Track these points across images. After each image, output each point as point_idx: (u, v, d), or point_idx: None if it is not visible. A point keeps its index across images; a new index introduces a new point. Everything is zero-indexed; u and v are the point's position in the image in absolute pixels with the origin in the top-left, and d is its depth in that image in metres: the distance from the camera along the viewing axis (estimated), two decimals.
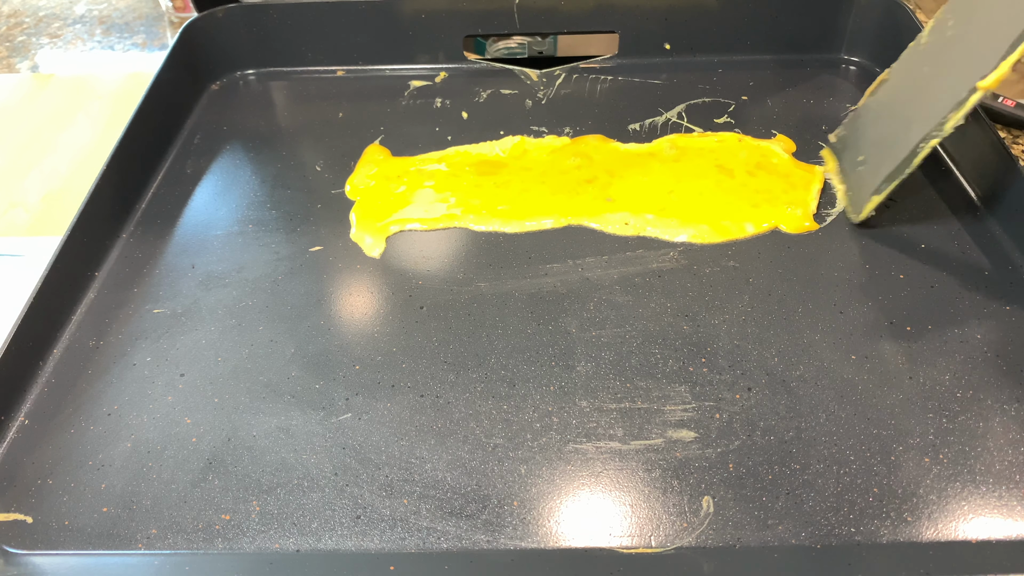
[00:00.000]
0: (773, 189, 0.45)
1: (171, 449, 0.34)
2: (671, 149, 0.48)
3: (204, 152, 0.51)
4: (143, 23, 0.72)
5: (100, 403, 0.36)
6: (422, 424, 0.34)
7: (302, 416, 0.35)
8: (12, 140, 0.55)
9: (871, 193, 0.42)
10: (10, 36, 0.71)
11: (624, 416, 0.34)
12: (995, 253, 0.41)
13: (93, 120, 0.57)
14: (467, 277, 0.41)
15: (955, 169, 0.46)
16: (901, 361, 0.36)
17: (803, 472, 0.32)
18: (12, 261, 0.45)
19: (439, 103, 0.54)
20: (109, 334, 0.39)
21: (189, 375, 0.37)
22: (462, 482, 0.32)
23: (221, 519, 0.31)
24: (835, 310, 0.38)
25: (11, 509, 0.32)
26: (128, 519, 0.32)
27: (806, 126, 0.50)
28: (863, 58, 0.55)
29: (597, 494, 0.32)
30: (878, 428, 0.33)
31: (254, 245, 0.44)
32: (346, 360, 0.37)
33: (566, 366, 0.36)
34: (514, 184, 0.46)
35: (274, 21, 0.56)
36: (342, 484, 0.32)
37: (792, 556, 0.30)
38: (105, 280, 0.42)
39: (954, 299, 0.39)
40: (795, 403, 0.35)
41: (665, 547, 0.30)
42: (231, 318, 0.39)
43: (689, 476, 0.32)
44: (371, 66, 0.58)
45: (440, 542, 0.31)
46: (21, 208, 0.50)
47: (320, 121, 0.53)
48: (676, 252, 0.42)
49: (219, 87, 0.57)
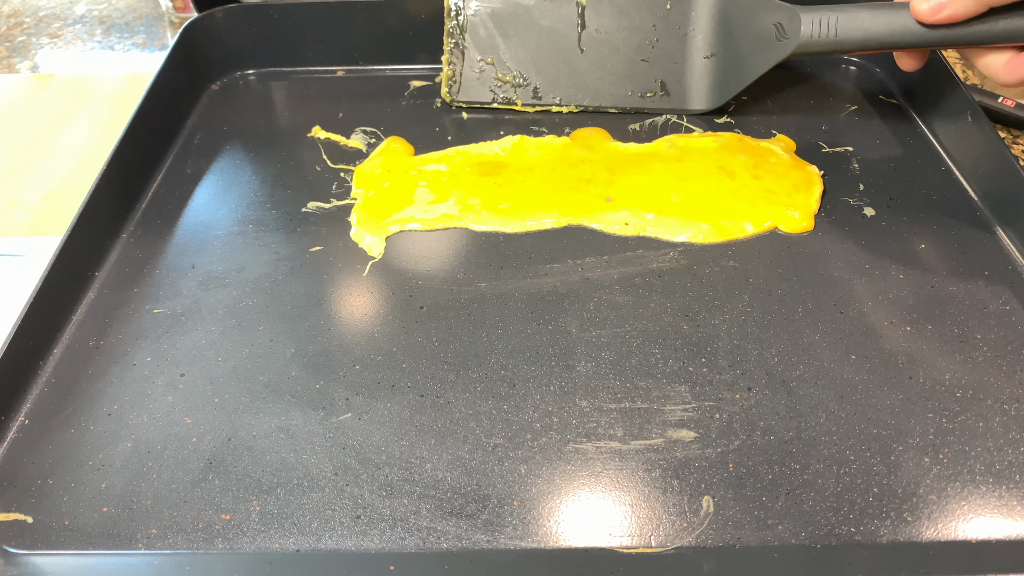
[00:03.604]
0: (773, 189, 0.45)
1: (171, 449, 0.34)
2: (671, 149, 0.48)
3: (204, 152, 0.51)
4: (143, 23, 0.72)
5: (100, 403, 0.36)
6: (422, 424, 0.34)
7: (302, 416, 0.35)
8: (12, 140, 0.55)
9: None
10: (10, 36, 0.71)
11: (624, 416, 0.34)
12: (995, 253, 0.41)
13: (93, 120, 0.57)
14: (467, 277, 0.41)
15: (955, 169, 0.46)
16: (901, 361, 0.36)
17: (803, 472, 0.32)
18: (12, 261, 0.45)
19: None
20: (109, 334, 0.39)
21: (189, 375, 0.37)
22: (462, 482, 0.32)
23: (221, 519, 0.32)
24: (835, 310, 0.38)
25: (11, 509, 0.32)
26: (128, 519, 0.32)
27: (806, 126, 0.50)
28: (863, 58, 0.55)
29: (597, 494, 0.32)
30: (878, 428, 0.33)
31: (254, 245, 0.44)
32: (346, 360, 0.37)
33: (566, 366, 0.36)
34: (514, 184, 0.46)
35: (274, 21, 0.56)
36: (342, 484, 0.32)
37: (792, 556, 0.30)
38: (105, 280, 0.42)
39: (954, 299, 0.39)
40: (795, 403, 0.35)
41: (665, 547, 0.30)
42: (231, 318, 0.39)
43: (689, 476, 0.32)
44: (371, 66, 0.58)
45: (440, 542, 0.31)
46: (21, 208, 0.50)
47: (320, 121, 0.53)
48: (676, 252, 0.42)
49: (219, 87, 0.57)
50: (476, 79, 0.52)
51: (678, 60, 0.50)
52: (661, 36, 0.50)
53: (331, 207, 0.46)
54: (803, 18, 0.44)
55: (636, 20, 0.50)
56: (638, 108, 0.51)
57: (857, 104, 0.52)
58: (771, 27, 0.45)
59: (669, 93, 0.50)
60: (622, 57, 0.50)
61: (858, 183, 0.46)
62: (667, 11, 0.49)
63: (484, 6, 0.51)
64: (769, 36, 0.45)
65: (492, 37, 0.51)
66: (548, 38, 0.51)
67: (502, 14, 0.51)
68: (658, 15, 0.49)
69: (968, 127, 0.46)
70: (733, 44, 0.48)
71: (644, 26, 0.50)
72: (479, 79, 0.52)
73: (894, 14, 0.41)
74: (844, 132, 0.50)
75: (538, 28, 0.51)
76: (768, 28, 0.45)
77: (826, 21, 0.43)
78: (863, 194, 0.45)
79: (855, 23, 0.42)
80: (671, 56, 0.50)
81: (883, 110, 0.51)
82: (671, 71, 0.50)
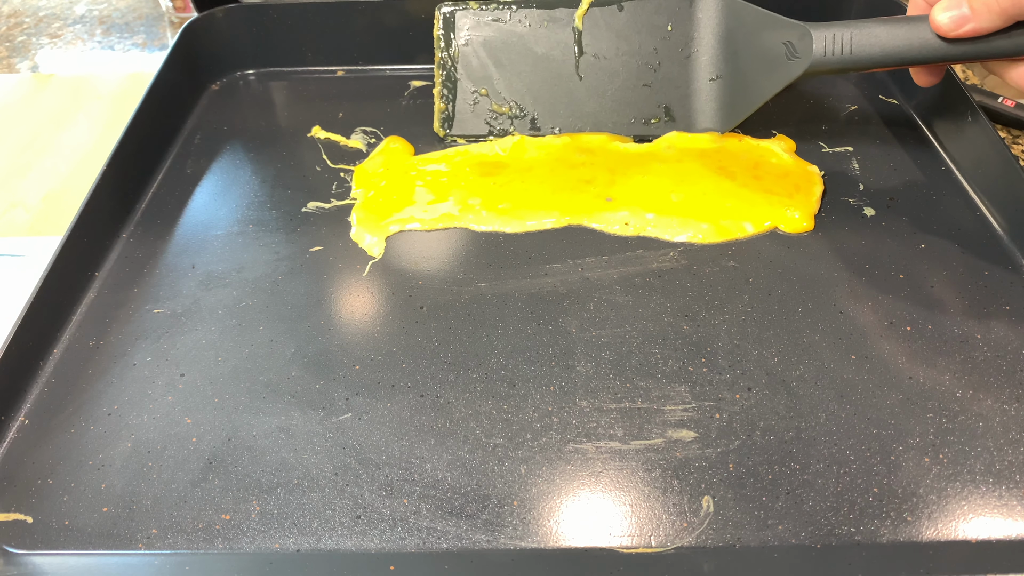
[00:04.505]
0: (773, 189, 0.45)
1: (171, 449, 0.34)
2: (671, 149, 0.48)
3: (204, 152, 0.51)
4: (143, 23, 0.72)
5: (100, 403, 0.36)
6: (422, 424, 0.34)
7: (302, 416, 0.35)
8: (12, 140, 0.55)
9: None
10: (10, 36, 0.71)
11: (624, 416, 0.34)
12: (995, 253, 0.41)
13: (93, 120, 0.57)
14: (467, 277, 0.41)
15: (955, 169, 0.46)
16: (901, 361, 0.36)
17: (803, 472, 0.32)
18: (12, 261, 0.45)
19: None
20: (109, 334, 0.39)
21: (189, 375, 0.37)
22: (462, 482, 0.32)
23: (221, 519, 0.32)
24: (835, 310, 0.38)
25: (11, 509, 0.32)
26: (128, 519, 0.32)
27: (806, 126, 0.50)
28: None
29: (597, 494, 0.32)
30: (878, 428, 0.33)
31: (254, 245, 0.44)
32: (346, 360, 0.37)
33: (566, 366, 0.36)
34: (514, 184, 0.46)
35: (274, 21, 0.56)
36: (342, 484, 0.32)
37: (792, 556, 0.30)
38: (105, 280, 0.42)
39: (954, 299, 0.39)
40: (795, 403, 0.35)
41: (665, 547, 0.30)
42: (231, 318, 0.39)
43: (689, 476, 0.32)
44: (371, 66, 0.58)
45: (440, 542, 0.31)
46: (21, 208, 0.50)
47: (320, 121, 0.53)
48: (676, 252, 0.42)
49: (219, 87, 0.57)
50: (470, 111, 0.50)
51: (682, 84, 0.48)
52: (663, 59, 0.48)
53: (331, 207, 0.46)
54: (815, 35, 0.41)
55: (636, 44, 0.48)
56: (642, 135, 0.49)
57: (857, 104, 0.52)
58: (780, 46, 0.43)
59: (674, 118, 0.49)
60: (623, 83, 0.49)
61: (858, 183, 0.46)
62: (668, 33, 0.48)
63: (476, 35, 0.49)
64: (779, 56, 0.43)
65: (485, 67, 0.49)
66: (544, 66, 0.49)
67: (495, 42, 0.49)
68: (659, 37, 0.48)
69: (968, 127, 0.46)
70: (740, 65, 0.46)
71: (645, 49, 0.48)
72: (473, 111, 0.50)
73: (912, 29, 0.39)
74: (844, 132, 0.50)
75: (533, 56, 0.49)
76: (777, 47, 0.43)
77: (839, 38, 0.40)
78: (863, 194, 0.45)
79: (871, 39, 0.40)
80: (674, 80, 0.48)
81: (883, 110, 0.51)
82: (675, 96, 0.48)
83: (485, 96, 0.49)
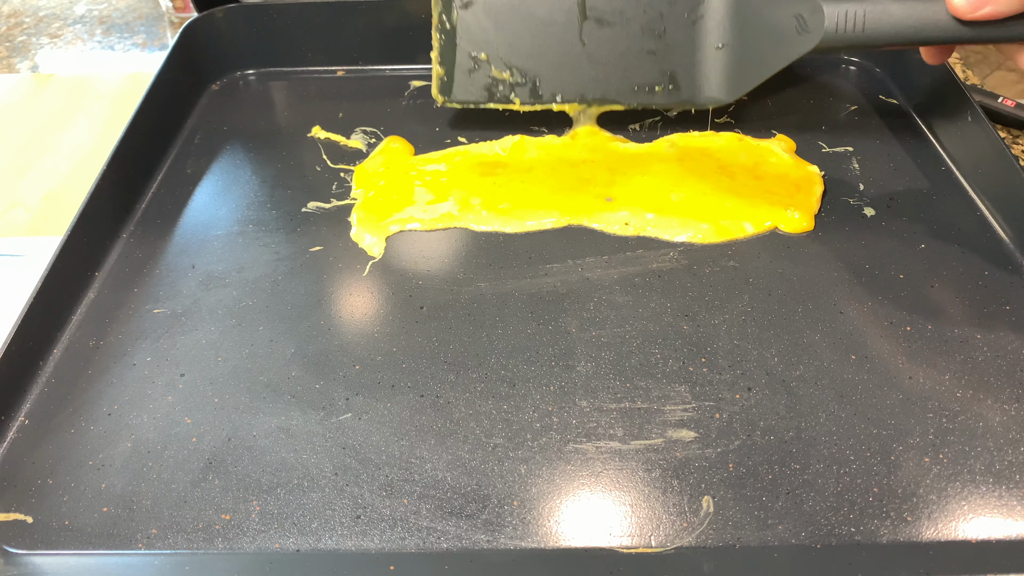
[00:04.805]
0: (773, 189, 0.45)
1: (171, 449, 0.34)
2: (671, 149, 0.48)
3: (204, 152, 0.51)
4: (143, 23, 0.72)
5: (100, 403, 0.36)
6: (422, 424, 0.34)
7: (302, 416, 0.35)
8: (12, 140, 0.55)
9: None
10: (10, 36, 0.71)
11: (624, 416, 0.34)
12: (995, 253, 0.41)
13: (93, 120, 0.57)
14: (467, 277, 0.41)
15: (955, 169, 0.46)
16: (901, 361, 0.36)
17: (803, 472, 0.32)
18: (12, 261, 0.45)
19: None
20: (109, 334, 0.39)
21: (189, 375, 0.37)
22: (462, 482, 0.32)
23: (221, 519, 0.32)
24: (835, 310, 0.38)
25: (11, 509, 0.32)
26: (128, 519, 0.32)
27: (806, 126, 0.50)
28: (863, 58, 0.55)
29: (597, 494, 0.32)
30: (878, 428, 0.33)
31: (254, 245, 0.44)
32: (346, 360, 0.37)
33: (566, 366, 0.36)
34: (514, 184, 0.46)
35: (274, 21, 0.56)
36: (342, 484, 0.32)
37: (792, 556, 0.30)
38: (105, 280, 0.42)
39: (954, 299, 0.39)
40: (795, 403, 0.35)
41: (665, 547, 0.30)
42: (231, 318, 0.39)
43: (689, 476, 0.32)
44: (371, 66, 0.58)
45: (440, 542, 0.31)
46: (21, 208, 0.50)
47: (320, 121, 0.53)
48: (676, 252, 0.42)
49: (219, 87, 0.57)
50: (469, 77, 0.48)
51: (688, 51, 0.47)
52: (669, 25, 0.46)
53: (331, 207, 0.46)
54: (827, 10, 0.39)
55: (641, 8, 0.46)
56: (645, 103, 0.48)
57: (857, 104, 0.52)
58: (791, 19, 0.41)
59: (679, 86, 0.47)
60: (627, 49, 0.47)
61: (858, 183, 0.46)
62: None
63: None
64: (788, 29, 0.42)
65: (485, 30, 0.48)
66: (546, 30, 0.47)
67: (495, 4, 0.47)
68: (665, 2, 0.46)
69: (968, 127, 0.46)
70: (747, 36, 0.44)
71: (650, 15, 0.47)
72: (472, 77, 0.48)
73: (927, 8, 0.38)
74: (844, 132, 0.50)
75: (535, 20, 0.47)
76: (787, 20, 0.41)
77: (852, 14, 0.39)
78: (863, 194, 0.45)
79: (884, 17, 0.39)
80: (680, 46, 0.46)
81: (883, 110, 0.51)
82: (681, 62, 0.46)
83: (485, 61, 0.48)
